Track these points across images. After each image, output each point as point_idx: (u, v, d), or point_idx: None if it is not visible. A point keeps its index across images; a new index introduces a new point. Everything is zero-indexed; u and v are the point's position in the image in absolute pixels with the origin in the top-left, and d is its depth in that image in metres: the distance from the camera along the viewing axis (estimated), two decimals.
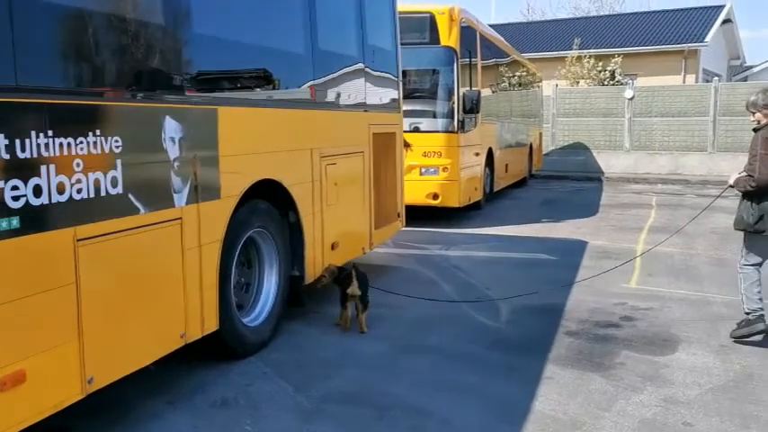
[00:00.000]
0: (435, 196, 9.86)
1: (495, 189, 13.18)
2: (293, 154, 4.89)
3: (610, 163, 20.99)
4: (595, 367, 4.34)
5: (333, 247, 5.55)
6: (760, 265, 4.84)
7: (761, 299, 4.82)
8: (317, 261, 5.27)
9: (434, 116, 10.00)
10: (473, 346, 4.74)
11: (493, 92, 13.03)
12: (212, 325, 3.95)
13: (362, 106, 6.22)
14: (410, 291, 6.19)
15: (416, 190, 9.80)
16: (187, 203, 3.66)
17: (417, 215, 10.22)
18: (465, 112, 9.90)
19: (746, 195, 4.73)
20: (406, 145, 9.53)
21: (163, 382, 4.00)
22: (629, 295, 6.15)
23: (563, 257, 7.84)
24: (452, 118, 9.87)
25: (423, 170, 9.83)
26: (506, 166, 14.30)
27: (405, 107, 10.01)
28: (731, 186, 4.88)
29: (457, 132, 9.88)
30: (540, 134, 20.50)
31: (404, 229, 9.67)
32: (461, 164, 10.02)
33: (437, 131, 9.88)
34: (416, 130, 9.87)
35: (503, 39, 14.98)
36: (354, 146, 6.03)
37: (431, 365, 4.38)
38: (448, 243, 8.69)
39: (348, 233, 5.91)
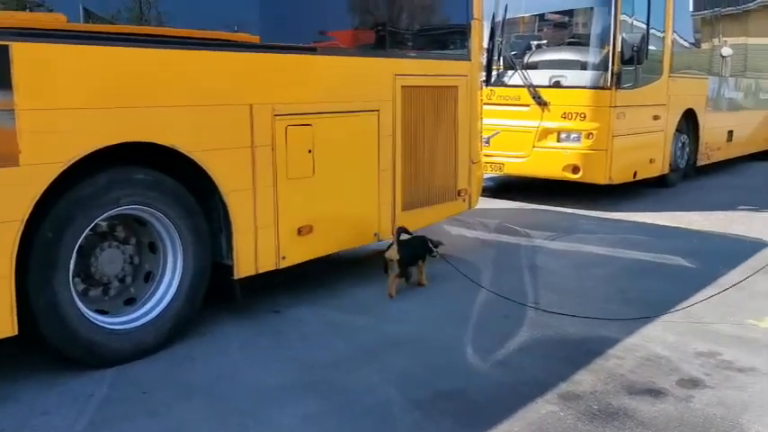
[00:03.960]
0: (575, 169, 7.86)
1: (702, 162, 10.45)
2: (204, 110, 3.74)
3: None
4: None
5: (301, 231, 4.34)
6: None
7: None
8: (261, 249, 4.11)
9: (580, 68, 7.92)
10: (400, 396, 3.25)
11: (704, 41, 10.20)
12: (4, 329, 3.08)
13: (378, 50, 4.81)
14: (423, 296, 4.76)
15: (552, 161, 7.94)
16: None
17: (576, 188, 8.32)
18: (624, 62, 7.66)
19: None
20: (543, 103, 7.81)
21: None
22: (740, 341, 3.98)
23: (706, 265, 5.59)
24: (604, 70, 7.72)
25: (561, 135, 7.89)
26: (730, 132, 11.31)
27: (546, 56, 8.26)
28: None
29: (610, 88, 7.71)
30: None
31: (529, 207, 7.98)
32: (616, 129, 7.84)
33: (582, 87, 7.81)
34: (557, 85, 7.95)
35: None
36: (358, 102, 4.67)
37: (298, 423, 3.03)
38: (566, 231, 6.80)
39: (338, 215, 4.62)
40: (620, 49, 7.62)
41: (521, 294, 4.82)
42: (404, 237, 4.79)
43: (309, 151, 4.34)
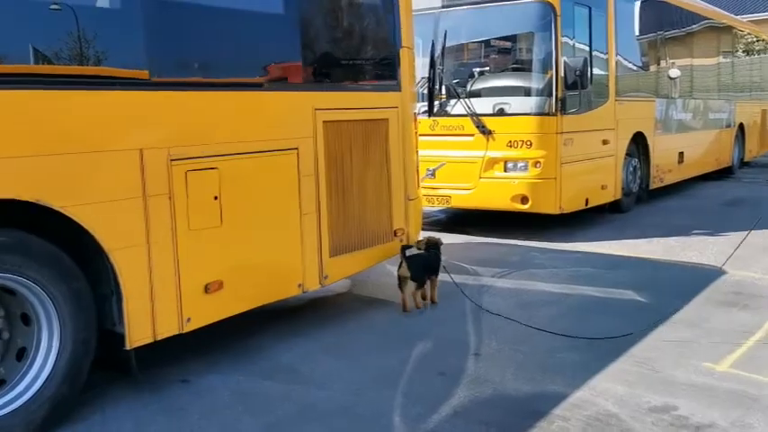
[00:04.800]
0: (524, 200, 7.52)
1: (655, 185, 10.25)
2: (80, 158, 3.26)
3: None
4: None
5: (209, 288, 3.85)
6: None
7: None
8: (160, 312, 3.61)
9: (524, 94, 7.64)
10: None
11: (651, 63, 10.08)
12: None
13: (295, 82, 4.41)
14: (353, 353, 4.30)
15: (500, 191, 7.59)
16: None
17: (529, 218, 7.92)
18: (568, 87, 7.39)
19: None
20: (487, 132, 7.48)
21: None
22: (696, 390, 3.59)
23: (659, 299, 5.24)
24: (549, 96, 7.43)
25: (508, 165, 7.56)
26: (681, 154, 11.17)
27: (488, 84, 7.98)
28: None
29: (555, 114, 7.42)
30: (765, 111, 16.35)
31: (481, 240, 7.61)
32: (564, 156, 7.54)
33: (526, 114, 7.51)
34: (501, 113, 7.63)
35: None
36: (273, 141, 4.24)
37: None
38: (516, 266, 6.42)
39: (254, 267, 4.15)
40: (563, 74, 7.35)
41: (462, 344, 4.40)
42: (411, 252, 5.05)
43: (216, 198, 3.88)
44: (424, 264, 5.13)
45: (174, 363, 4.05)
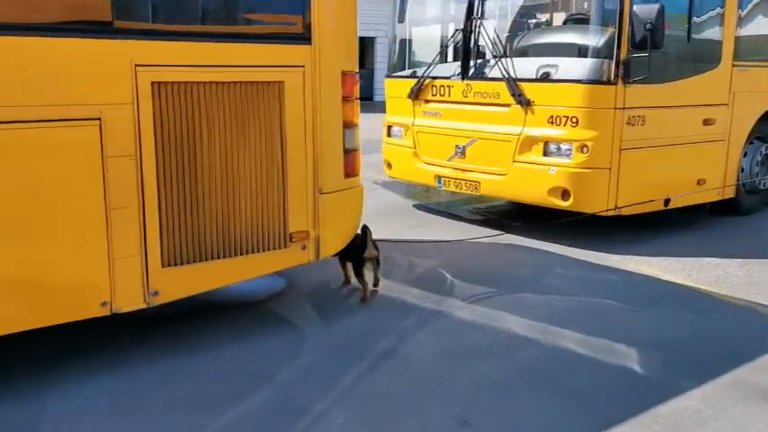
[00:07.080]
0: (565, 194, 5.68)
1: None
2: None
3: None
4: None
5: None
6: None
7: None
8: None
9: (574, 54, 5.74)
10: None
11: None
12: None
13: (96, 24, 3.17)
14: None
15: (535, 181, 5.84)
16: None
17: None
18: (636, 46, 5.39)
19: None
20: (525, 103, 5.84)
21: None
22: None
23: (664, 370, 3.46)
24: (606, 58, 5.48)
25: (550, 147, 5.75)
26: None
27: (533, 40, 6.22)
28: None
29: (614, 83, 5.47)
30: None
31: (506, 240, 5.90)
32: (626, 139, 5.58)
33: (573, 81, 5.62)
34: (546, 78, 5.81)
35: None
36: (43, 106, 3.05)
37: None
38: (512, 286, 4.76)
39: (10, 279, 3.05)
40: (629, 30, 5.35)
41: (299, 412, 3.02)
42: None
43: None
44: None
45: None
